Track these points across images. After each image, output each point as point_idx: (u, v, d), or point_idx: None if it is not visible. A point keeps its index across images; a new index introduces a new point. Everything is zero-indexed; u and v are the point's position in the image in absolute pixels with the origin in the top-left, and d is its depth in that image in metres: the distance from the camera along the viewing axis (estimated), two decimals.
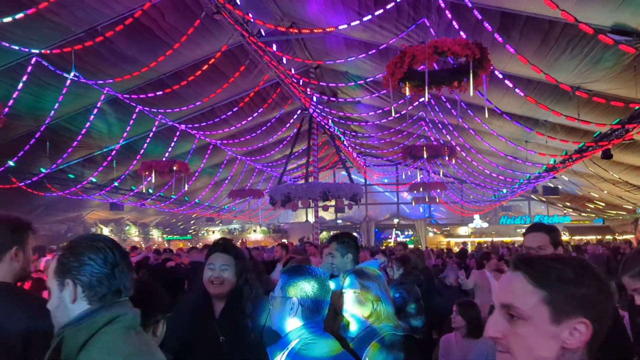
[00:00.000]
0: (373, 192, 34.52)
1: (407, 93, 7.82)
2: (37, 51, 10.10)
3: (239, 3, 10.04)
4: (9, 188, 15.08)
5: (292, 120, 19.27)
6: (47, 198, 17.58)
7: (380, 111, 16.03)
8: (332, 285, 2.47)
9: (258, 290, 2.83)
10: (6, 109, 9.96)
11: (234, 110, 15.80)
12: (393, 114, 13.19)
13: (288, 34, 12.05)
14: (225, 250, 2.86)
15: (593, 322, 1.15)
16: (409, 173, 26.40)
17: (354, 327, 2.70)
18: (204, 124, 16.25)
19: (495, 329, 1.21)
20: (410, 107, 14.09)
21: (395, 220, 33.57)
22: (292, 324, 2.23)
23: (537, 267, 1.21)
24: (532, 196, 28.76)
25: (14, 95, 10.74)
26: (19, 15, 8.10)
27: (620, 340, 2.13)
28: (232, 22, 10.19)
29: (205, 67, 12.22)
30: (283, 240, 26.68)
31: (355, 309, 2.68)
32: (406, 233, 32.85)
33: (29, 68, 10.45)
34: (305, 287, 2.27)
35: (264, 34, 11.98)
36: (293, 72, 14.54)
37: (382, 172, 31.57)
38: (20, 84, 10.69)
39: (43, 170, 15.38)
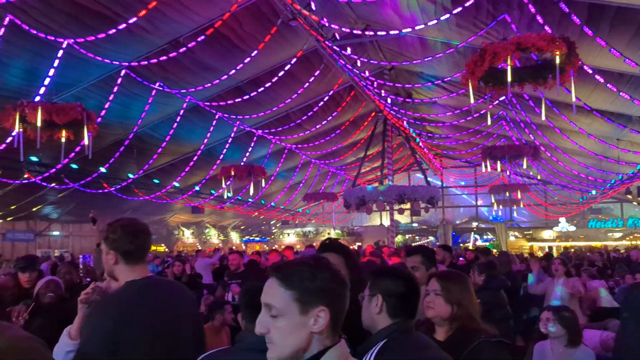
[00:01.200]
0: (450, 195, 33.64)
1: (488, 92, 7.51)
2: (126, 64, 10.71)
3: (314, 9, 10.12)
4: (101, 193, 16.14)
5: (366, 123, 19.19)
6: (134, 202, 18.64)
7: (457, 111, 15.57)
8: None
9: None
10: (99, 119, 10.61)
11: (309, 114, 15.97)
12: (472, 114, 12.75)
13: (363, 36, 12.00)
14: (335, 250, 2.82)
15: (331, 307, 1.42)
16: (488, 175, 25.45)
17: (441, 331, 2.61)
18: (280, 129, 16.54)
19: (261, 326, 1.44)
20: (491, 106, 13.57)
21: (474, 224, 32.50)
22: (381, 322, 2.18)
23: (284, 272, 1.46)
24: (626, 197, 26.79)
25: (106, 106, 11.45)
26: (112, 31, 8.62)
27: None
28: (307, 27, 10.29)
29: (281, 73, 12.44)
30: (357, 244, 26.58)
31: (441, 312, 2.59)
32: (485, 237, 31.69)
33: (119, 80, 11.10)
34: (391, 286, 2.20)
35: (338, 38, 12.01)
36: (367, 74, 14.47)
37: (460, 174, 30.68)
38: (111, 95, 11.38)
39: (131, 175, 16.32)
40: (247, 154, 17.20)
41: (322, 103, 15.67)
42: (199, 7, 10.16)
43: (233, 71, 11.41)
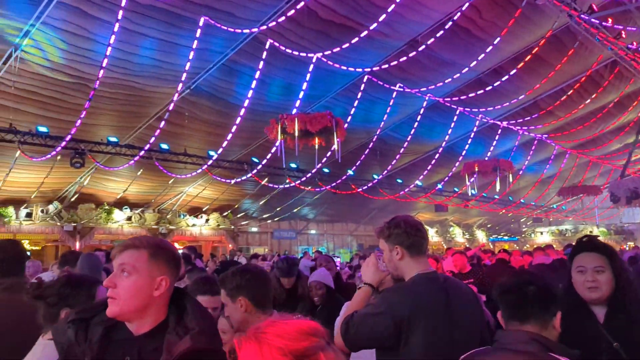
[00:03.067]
0: None
1: None
2: (368, 69, 11.13)
3: None
4: (349, 194, 17.22)
5: (635, 103, 16.32)
6: (379, 202, 19.40)
7: None
8: None
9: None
10: (345, 125, 11.26)
11: (561, 99, 14.30)
12: None
13: (628, 2, 10.16)
14: (596, 249, 2.43)
15: None
16: None
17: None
18: (527, 118, 15.22)
19: None
20: None
21: None
22: None
23: None
24: None
25: (351, 112, 12.11)
26: (354, 40, 9.03)
27: None
28: (557, 3, 9.15)
29: (527, 59, 11.38)
30: (629, 243, 22.91)
31: None
32: None
33: (362, 86, 11.61)
34: None
35: (595, 9, 10.41)
36: (635, 45, 12.23)
37: None
38: (355, 101, 11.98)
39: (376, 176, 17.00)
40: (492, 148, 16.29)
41: (577, 85, 13.85)
42: (435, 3, 9.95)
43: (474, 63, 10.88)
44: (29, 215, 14.81)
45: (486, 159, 15.90)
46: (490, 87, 12.35)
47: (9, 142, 10.86)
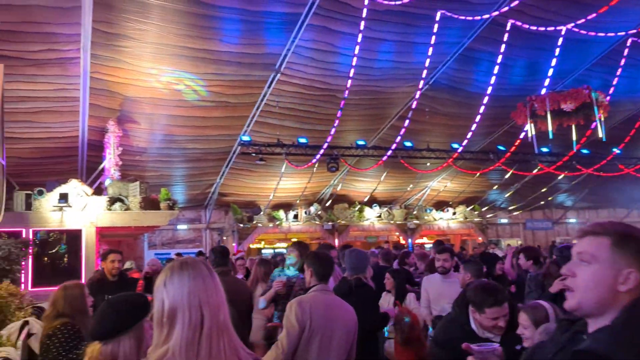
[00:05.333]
0: None
1: None
2: (633, 31, 9.60)
3: None
4: (616, 176, 15.06)
5: None
6: None
7: None
8: None
9: None
10: (608, 97, 9.91)
11: None
12: None
13: None
14: None
15: None
16: None
17: None
18: None
19: None
20: None
21: None
22: None
23: None
24: None
25: (613, 82, 10.61)
26: (613, 2, 7.89)
27: None
28: None
29: None
30: None
31: None
32: None
33: (625, 51, 10.08)
34: None
35: None
36: None
37: None
38: (618, 69, 10.46)
39: None
40: None
41: None
42: None
43: None
44: (295, 217, 16.81)
45: None
46: None
47: (277, 154, 12.51)
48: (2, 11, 7.09)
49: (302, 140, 12.43)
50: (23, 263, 7.58)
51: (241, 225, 15.59)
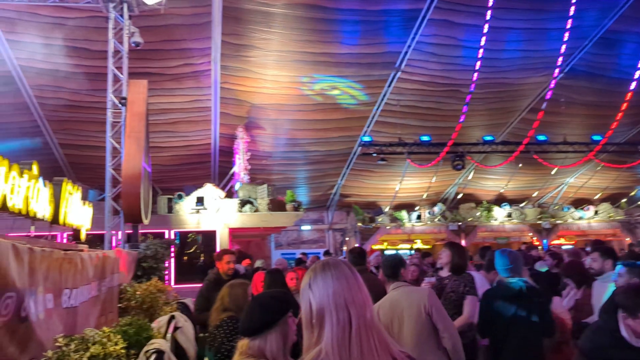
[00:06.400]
0: None
1: None
2: None
3: None
4: None
5: None
6: None
7: None
8: None
9: None
10: None
11: None
12: None
13: None
14: None
15: None
16: None
17: None
18: None
19: None
20: None
21: None
22: None
23: None
24: None
25: None
26: None
27: None
28: None
29: None
30: None
31: None
32: None
33: None
34: None
35: None
36: None
37: None
38: None
39: None
40: None
41: None
42: None
43: None
44: (418, 217, 16.41)
45: None
46: None
47: (399, 154, 12.29)
48: (146, 32, 7.78)
49: (425, 139, 12.08)
50: (166, 262, 8.23)
51: (363, 226, 15.59)
